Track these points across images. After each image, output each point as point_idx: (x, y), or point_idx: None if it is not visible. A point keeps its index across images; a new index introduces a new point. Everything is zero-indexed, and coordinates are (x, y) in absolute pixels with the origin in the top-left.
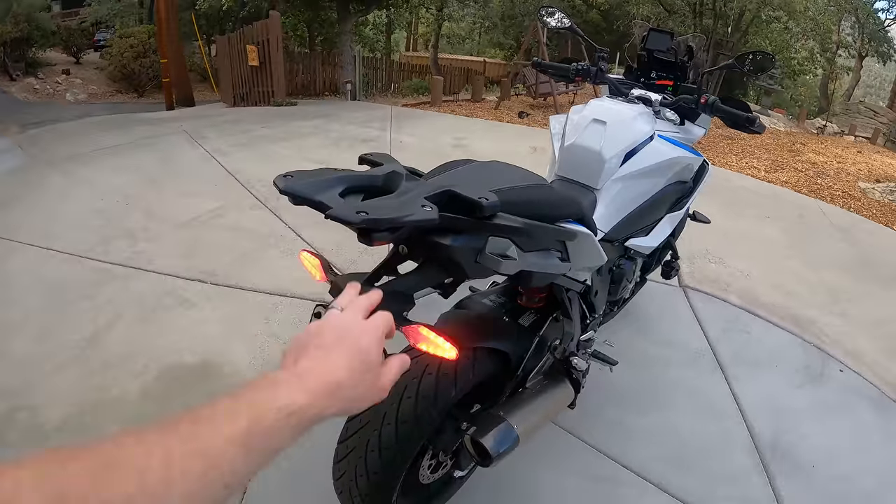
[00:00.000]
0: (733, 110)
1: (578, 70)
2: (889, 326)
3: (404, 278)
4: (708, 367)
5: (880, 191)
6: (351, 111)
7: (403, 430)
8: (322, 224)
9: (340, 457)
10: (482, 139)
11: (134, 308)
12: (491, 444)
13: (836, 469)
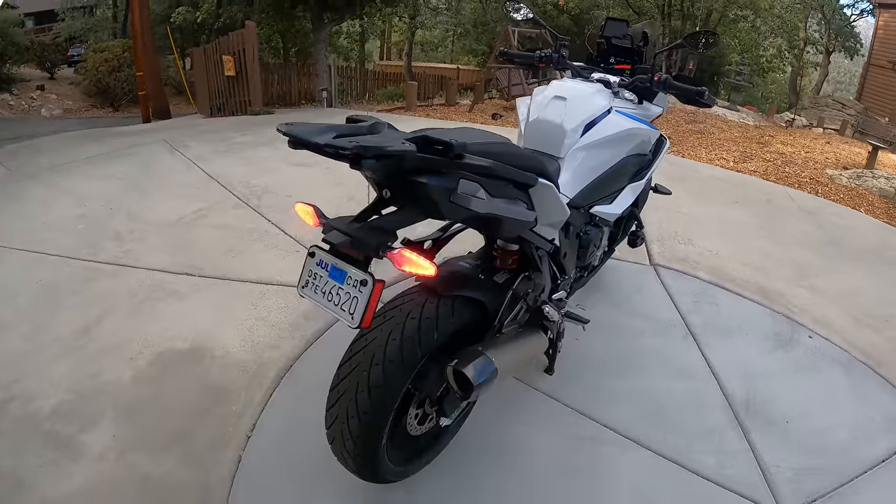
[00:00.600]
0: (684, 85)
1: (542, 57)
2: (856, 298)
3: (386, 217)
4: (680, 335)
5: (847, 176)
6: (328, 117)
7: (390, 369)
8: None
9: (332, 402)
10: None
11: (124, 301)
12: (472, 374)
13: (809, 424)
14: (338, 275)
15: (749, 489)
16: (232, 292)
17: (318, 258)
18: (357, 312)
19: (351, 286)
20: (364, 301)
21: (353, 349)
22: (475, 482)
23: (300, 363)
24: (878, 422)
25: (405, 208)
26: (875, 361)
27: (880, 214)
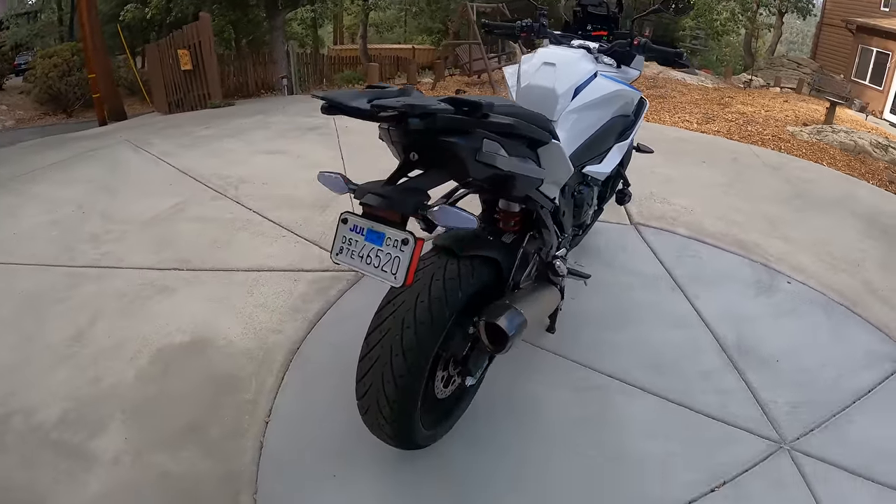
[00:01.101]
0: (663, 48)
1: (524, 26)
2: (827, 246)
3: (415, 179)
4: (668, 288)
5: (808, 132)
6: (291, 104)
7: (422, 331)
8: (286, 206)
9: (364, 371)
10: None
11: (113, 303)
12: (505, 324)
13: (798, 362)
14: (375, 237)
15: (752, 424)
16: (224, 282)
17: (352, 224)
18: (400, 271)
19: (391, 247)
20: (407, 259)
21: (381, 315)
22: (499, 444)
23: (306, 345)
24: (859, 357)
25: (432, 170)
26: (851, 302)
27: (842, 167)
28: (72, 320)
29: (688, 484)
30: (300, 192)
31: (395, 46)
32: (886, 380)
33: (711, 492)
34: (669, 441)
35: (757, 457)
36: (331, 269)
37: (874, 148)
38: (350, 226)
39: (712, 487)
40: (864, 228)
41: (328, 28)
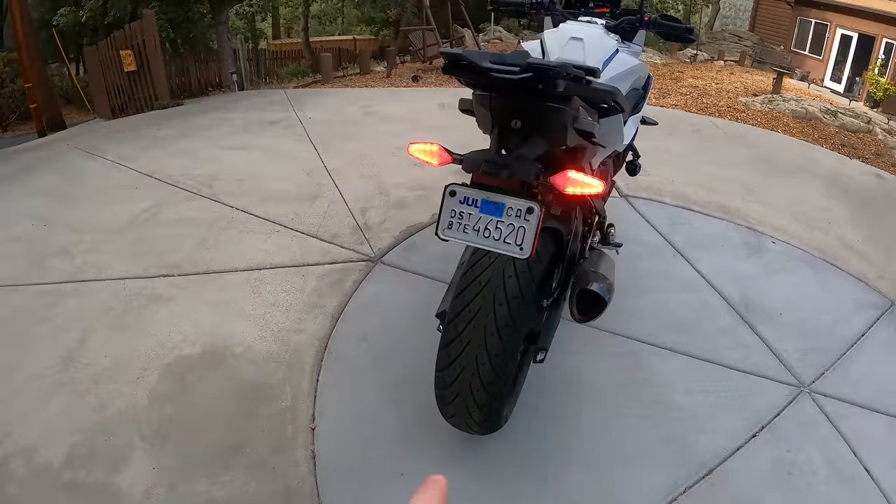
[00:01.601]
0: (672, 23)
1: (533, 3)
2: (800, 206)
3: (522, 148)
4: (670, 254)
5: (760, 102)
6: (245, 100)
7: (516, 306)
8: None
9: (453, 357)
10: (389, 103)
11: (102, 318)
12: (599, 289)
13: (798, 313)
14: (492, 208)
15: (773, 372)
16: (224, 284)
17: (462, 196)
18: (527, 242)
19: (514, 217)
20: (533, 229)
21: (464, 297)
22: (553, 413)
23: (334, 341)
24: (848, 305)
25: (532, 138)
26: (831, 257)
27: (797, 133)
28: (57, 342)
29: (731, 433)
30: (281, 185)
31: (336, 38)
32: (874, 324)
33: (753, 437)
34: (706, 394)
35: (784, 401)
36: (339, 260)
37: (824, 114)
38: (459, 198)
39: (753, 433)
40: (827, 189)
41: (268, 23)
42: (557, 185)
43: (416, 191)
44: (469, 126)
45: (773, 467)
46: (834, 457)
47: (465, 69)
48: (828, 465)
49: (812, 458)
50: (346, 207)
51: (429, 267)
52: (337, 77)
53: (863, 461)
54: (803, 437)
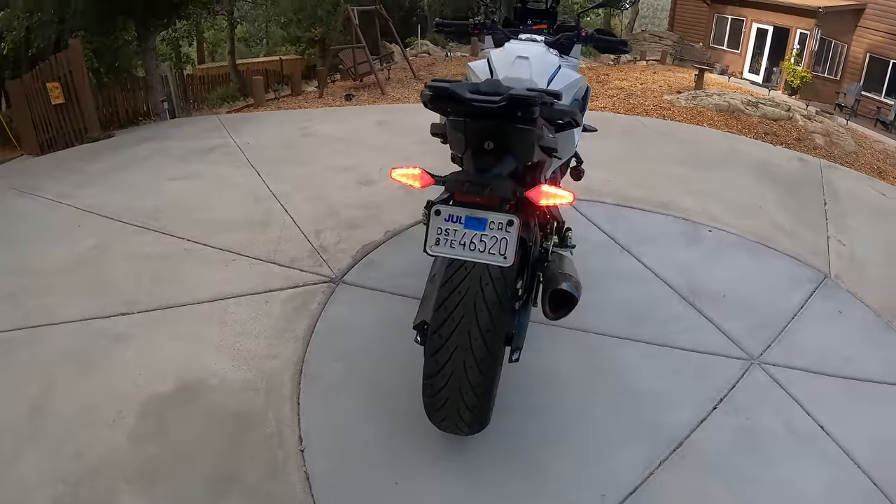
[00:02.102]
0: (608, 37)
1: (476, 24)
2: (729, 195)
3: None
4: (616, 251)
5: (684, 99)
6: (178, 128)
7: (496, 311)
8: (221, 230)
9: (441, 364)
10: (326, 124)
11: (63, 364)
12: (570, 287)
13: (740, 294)
14: (476, 223)
15: (724, 349)
16: (188, 318)
17: (447, 214)
18: (509, 251)
19: (496, 230)
20: (514, 239)
21: (447, 307)
22: (535, 412)
23: (308, 364)
24: (785, 281)
25: (504, 157)
26: (764, 239)
27: (721, 126)
28: (20, 394)
29: (694, 408)
30: (230, 213)
31: (262, 60)
32: (811, 297)
33: (714, 409)
34: (667, 376)
35: (737, 374)
36: (301, 284)
37: (746, 106)
38: (444, 216)
39: (714, 406)
40: (755, 176)
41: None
42: (533, 199)
43: (367, 210)
44: (408, 144)
45: (736, 434)
46: (790, 418)
47: (449, 100)
48: (785, 426)
49: (770, 422)
50: (299, 231)
51: (390, 283)
52: (269, 100)
53: (816, 419)
54: (759, 404)
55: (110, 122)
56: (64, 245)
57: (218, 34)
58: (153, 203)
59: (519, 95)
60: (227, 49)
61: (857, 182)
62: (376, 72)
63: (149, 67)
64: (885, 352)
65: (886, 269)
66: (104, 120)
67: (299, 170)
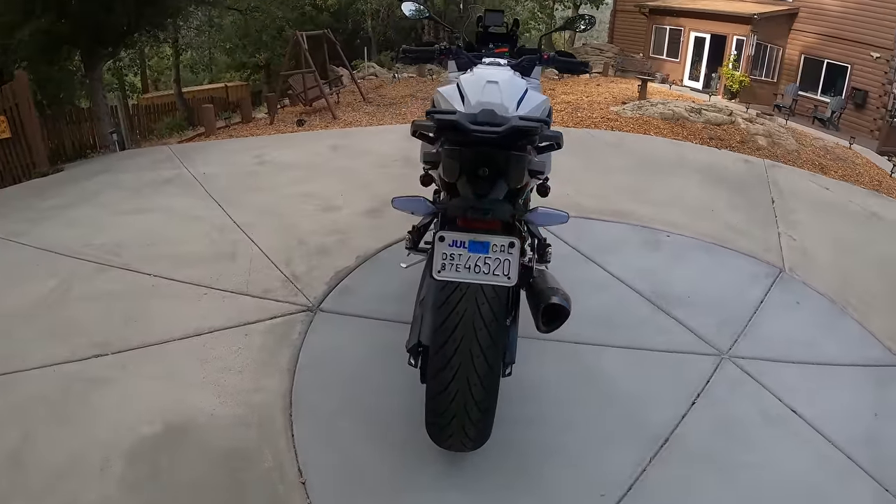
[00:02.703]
0: (568, 59)
1: (441, 50)
2: (682, 200)
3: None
4: (581, 261)
5: (629, 109)
6: (130, 160)
7: (494, 328)
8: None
9: (443, 407)
10: (281, 150)
11: (40, 411)
12: (562, 301)
13: (704, 294)
14: (479, 247)
15: (695, 346)
16: (165, 357)
17: (451, 239)
18: (513, 272)
19: (498, 252)
20: (516, 260)
21: (446, 328)
22: (529, 423)
23: (297, 394)
24: (744, 278)
25: (498, 182)
26: (720, 240)
27: (668, 133)
28: None
29: (675, 404)
30: (194, 246)
31: (208, 87)
32: (769, 291)
33: (693, 405)
34: (645, 378)
35: (710, 370)
36: (278, 314)
37: (689, 113)
38: (448, 242)
39: (693, 401)
40: (704, 180)
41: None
42: (534, 221)
43: (334, 236)
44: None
45: (717, 425)
46: (764, 406)
47: (453, 131)
48: (761, 415)
49: (747, 411)
50: (268, 261)
51: (368, 308)
52: (220, 128)
53: (788, 404)
54: (734, 395)
55: (57, 157)
56: (22, 286)
57: (162, 62)
58: (113, 238)
59: (523, 126)
60: (172, 77)
61: (801, 179)
62: (326, 96)
63: (96, 98)
64: (840, 335)
65: (835, 259)
66: (51, 154)
67: (260, 199)
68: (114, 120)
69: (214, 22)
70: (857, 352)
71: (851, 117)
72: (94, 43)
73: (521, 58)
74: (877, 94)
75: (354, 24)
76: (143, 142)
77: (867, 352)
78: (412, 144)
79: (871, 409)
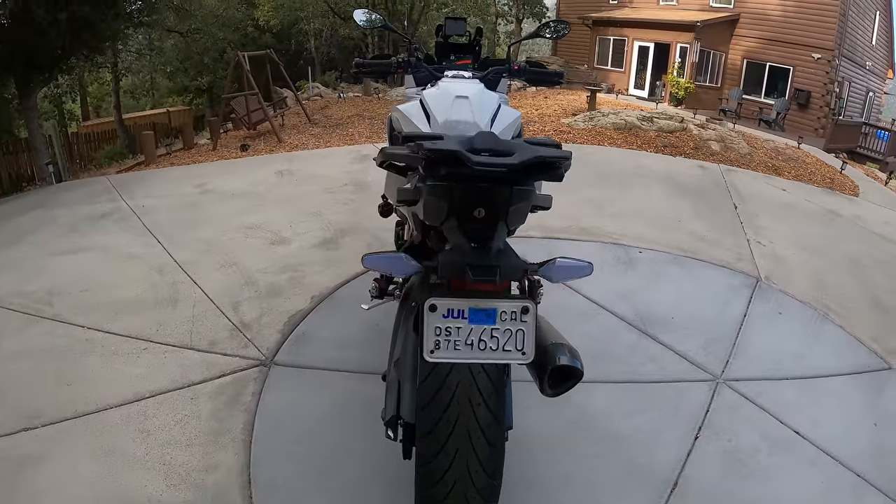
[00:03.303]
0: (541, 70)
1: (399, 62)
2: (647, 212)
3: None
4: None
5: (581, 120)
6: (67, 193)
7: (492, 433)
8: (125, 312)
9: (441, 472)
10: (224, 178)
11: None
12: (571, 361)
13: (686, 313)
14: (483, 317)
15: (688, 373)
16: (102, 428)
17: (445, 309)
18: (528, 345)
19: (508, 321)
20: (531, 329)
21: (437, 406)
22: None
23: (257, 469)
24: (724, 291)
25: (497, 225)
26: (691, 252)
27: (621, 144)
28: None
29: (677, 441)
30: (132, 291)
31: (150, 112)
32: (750, 303)
33: (696, 439)
34: (641, 413)
35: (707, 397)
36: (227, 371)
37: (641, 121)
38: (442, 312)
39: (695, 435)
40: (664, 189)
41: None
42: (552, 278)
43: (286, 273)
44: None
45: (725, 459)
46: (767, 430)
47: (453, 164)
48: (765, 440)
49: (751, 439)
50: (214, 307)
51: (327, 357)
52: (160, 155)
53: (790, 426)
54: (735, 423)
55: None
56: None
57: (102, 88)
58: (44, 284)
59: (549, 158)
60: (112, 103)
61: (758, 182)
62: (271, 119)
63: (31, 127)
64: (827, 344)
65: (806, 262)
66: None
67: (203, 233)
68: (50, 150)
69: (154, 45)
70: (846, 359)
71: (796, 117)
72: (28, 68)
73: (487, 70)
74: (819, 93)
75: (298, 44)
76: (81, 172)
77: (855, 358)
78: (363, 167)
79: (869, 418)
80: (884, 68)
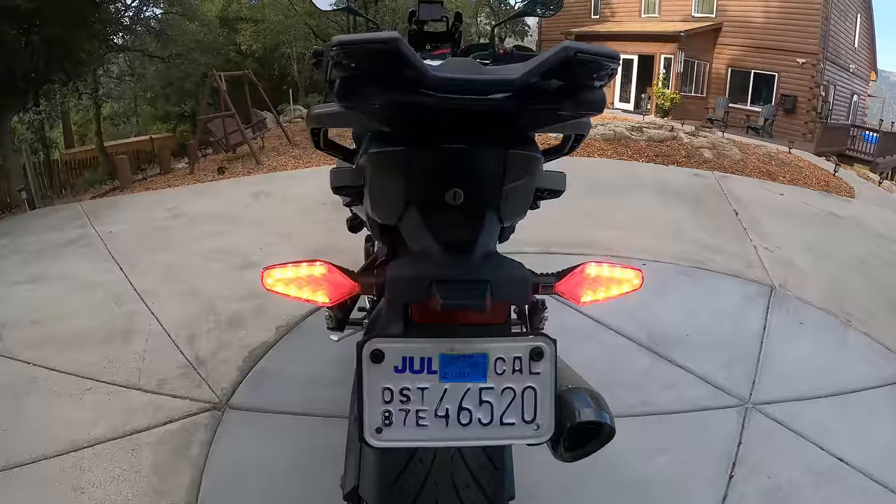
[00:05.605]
0: (531, 55)
1: None
2: (646, 223)
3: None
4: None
5: None
6: (37, 220)
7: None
8: (74, 346)
9: None
10: (197, 202)
11: None
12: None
13: (701, 329)
14: (465, 368)
15: (713, 399)
16: (35, 483)
17: (398, 356)
18: (543, 413)
19: (509, 373)
20: (548, 386)
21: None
22: None
23: None
24: (739, 302)
25: (485, 216)
26: (698, 262)
27: (612, 154)
28: None
29: (711, 482)
30: (85, 322)
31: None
32: (768, 314)
33: (731, 478)
34: (666, 453)
35: (737, 426)
36: (175, 417)
37: (631, 132)
38: (394, 364)
39: (730, 474)
40: (662, 199)
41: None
42: (574, 297)
43: (250, 301)
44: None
45: (766, 500)
46: (808, 461)
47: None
48: (807, 472)
49: (792, 473)
50: (168, 339)
51: (291, 398)
52: (137, 180)
53: (831, 452)
54: (772, 454)
55: None
56: None
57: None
58: None
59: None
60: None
61: (754, 187)
62: (249, 141)
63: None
64: (854, 353)
65: (818, 267)
66: None
67: (168, 258)
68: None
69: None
70: (879, 369)
71: (783, 123)
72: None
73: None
74: (805, 98)
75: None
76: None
77: (886, 367)
78: None
79: None
80: (866, 70)
